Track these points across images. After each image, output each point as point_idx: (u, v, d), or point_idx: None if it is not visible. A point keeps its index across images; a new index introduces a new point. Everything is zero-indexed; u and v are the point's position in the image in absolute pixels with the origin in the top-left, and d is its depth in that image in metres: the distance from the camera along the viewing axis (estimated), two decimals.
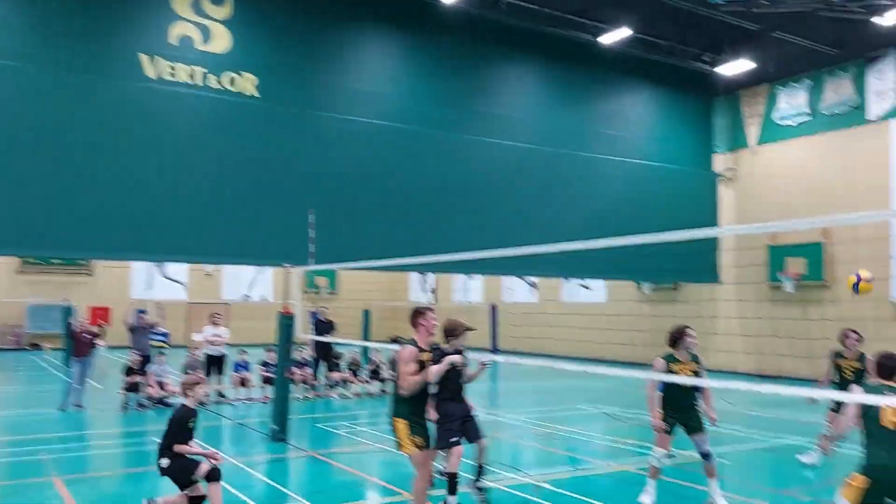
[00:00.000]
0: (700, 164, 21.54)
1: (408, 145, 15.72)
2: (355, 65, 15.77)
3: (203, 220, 13.46)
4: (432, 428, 6.70)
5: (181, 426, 6.80)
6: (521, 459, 10.12)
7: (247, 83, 14.07)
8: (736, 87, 22.07)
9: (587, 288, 27.03)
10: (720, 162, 22.55)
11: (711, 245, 20.11)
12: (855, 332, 9.22)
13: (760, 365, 20.57)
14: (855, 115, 19.70)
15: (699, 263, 19.70)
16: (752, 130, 22.37)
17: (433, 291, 35.91)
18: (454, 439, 6.42)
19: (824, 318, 18.88)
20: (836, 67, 20.11)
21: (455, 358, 6.83)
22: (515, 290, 30.39)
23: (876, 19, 16.91)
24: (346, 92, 15.34)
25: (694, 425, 7.53)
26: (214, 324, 15.24)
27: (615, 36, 18.15)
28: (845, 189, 19.19)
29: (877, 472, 4.87)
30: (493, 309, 29.50)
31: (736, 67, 19.80)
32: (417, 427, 6.35)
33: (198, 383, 7.15)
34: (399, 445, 6.34)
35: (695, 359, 7.60)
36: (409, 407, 6.32)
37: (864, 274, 10.03)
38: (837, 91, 20.18)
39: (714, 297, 22.15)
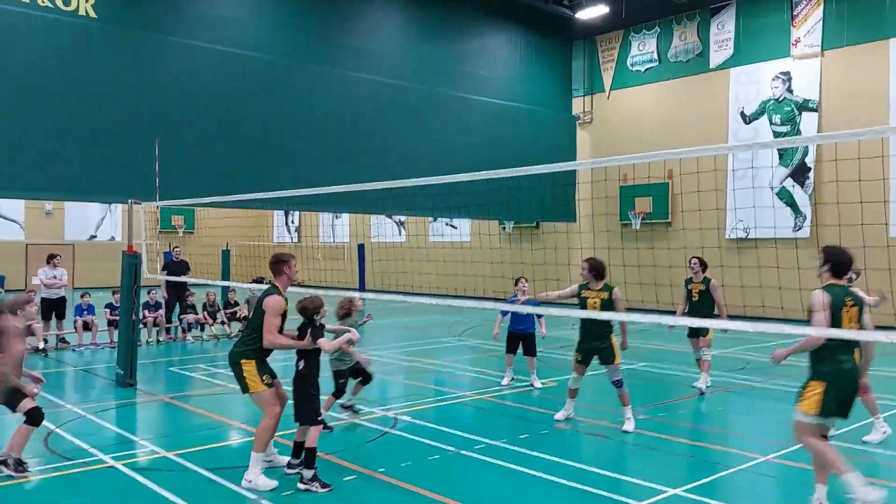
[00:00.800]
0: (560, 106, 22.16)
1: (264, 75, 15.03)
2: None
3: (40, 152, 12.31)
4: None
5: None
6: (385, 393, 10.23)
7: (82, 2, 12.80)
8: (594, 32, 22.69)
9: (453, 227, 27.44)
10: (578, 105, 23.28)
11: (569, 186, 20.89)
12: (697, 258, 9.98)
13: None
14: (698, 62, 20.86)
15: (557, 203, 20.44)
16: (608, 75, 23.18)
17: (297, 230, 35.16)
18: (320, 417, 6.31)
19: (669, 248, 20.24)
20: (683, 16, 21.10)
21: (353, 336, 7.13)
22: (382, 228, 30.33)
23: None
24: (196, 15, 14.35)
25: (605, 357, 7.94)
26: (53, 265, 14.13)
27: None
28: (689, 133, 20.41)
29: (833, 375, 5.11)
30: (361, 248, 29.34)
31: (594, 12, 20.32)
32: (264, 366, 6.26)
33: (28, 302, 7.01)
34: (246, 387, 6.17)
35: (607, 288, 7.95)
36: (256, 348, 6.20)
37: None
38: (683, 39, 21.23)
39: (571, 235, 23.12)
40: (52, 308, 13.92)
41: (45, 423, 7.87)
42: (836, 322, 5.13)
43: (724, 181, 19.71)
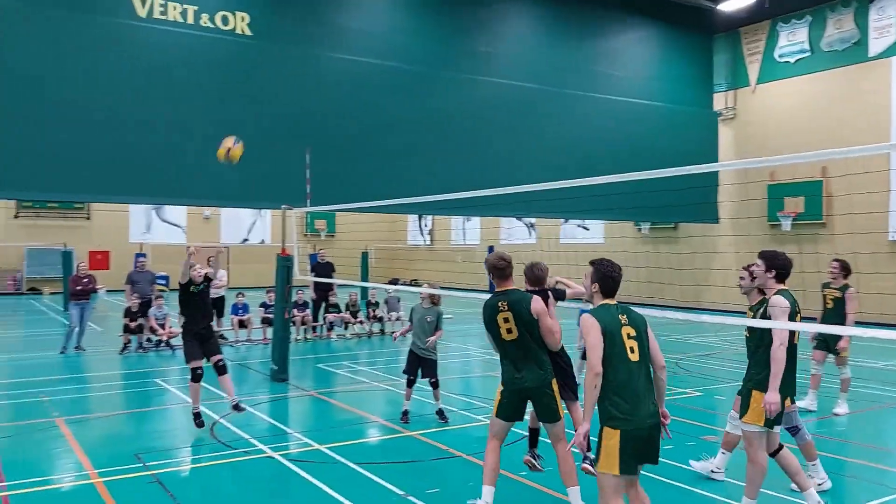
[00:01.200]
0: (700, 103, 21.30)
1: (405, 84, 15.51)
2: (350, 2, 15.43)
3: (200, 162, 13.35)
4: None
5: (183, 292, 8.43)
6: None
7: (239, 21, 13.78)
8: (737, 24, 21.64)
9: (585, 228, 27.06)
10: (720, 101, 22.28)
11: (711, 185, 20.04)
12: (838, 261, 8.98)
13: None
14: (856, 51, 19.38)
15: (698, 203, 19.68)
16: (753, 68, 22.02)
17: (430, 233, 35.93)
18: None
19: (818, 253, 18.98)
20: (837, 3, 19.68)
21: None
22: (513, 231, 30.41)
23: None
24: (340, 30, 15.05)
25: None
26: (211, 266, 15.24)
27: None
28: (845, 127, 19.02)
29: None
30: (490, 250, 29.59)
31: (737, 3, 19.38)
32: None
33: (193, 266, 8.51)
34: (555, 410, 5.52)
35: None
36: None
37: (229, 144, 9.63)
38: (838, 27, 19.79)
39: (712, 235, 22.20)
40: (213, 306, 15.02)
41: (209, 413, 8.59)
42: None
43: (886, 179, 18.21)
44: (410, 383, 8.53)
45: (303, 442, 7.72)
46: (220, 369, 8.31)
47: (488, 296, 5.64)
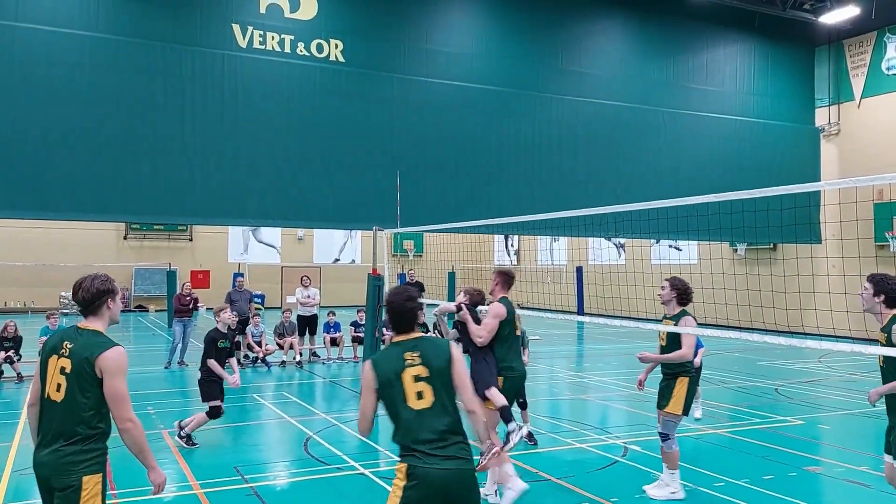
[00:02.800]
0: (801, 118, 20.47)
1: (492, 106, 15.64)
2: (438, 26, 15.72)
3: (294, 185, 13.89)
4: None
5: (211, 345, 8.48)
6: (608, 420, 10.07)
7: (333, 49, 14.28)
8: (840, 36, 20.69)
9: (678, 249, 26.30)
10: (823, 116, 21.30)
11: (813, 204, 19.14)
12: None
13: (865, 327, 19.58)
14: None
15: (799, 223, 18.81)
16: (858, 82, 20.96)
17: (516, 253, 35.81)
18: None
19: None
20: None
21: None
22: (601, 251, 29.92)
23: None
24: (429, 54, 15.34)
25: (661, 401, 6.71)
26: (305, 286, 15.74)
27: None
28: None
29: None
30: (579, 270, 29.17)
31: (841, 14, 18.58)
32: None
33: (223, 310, 8.79)
34: None
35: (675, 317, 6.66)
36: None
37: None
38: None
39: (814, 257, 21.13)
40: (306, 324, 15.48)
41: (303, 428, 8.82)
42: None
43: None
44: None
45: (392, 459, 7.79)
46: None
47: (576, 316, 5.52)
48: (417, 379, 3.63)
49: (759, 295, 14.04)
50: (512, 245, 36.38)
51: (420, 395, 3.63)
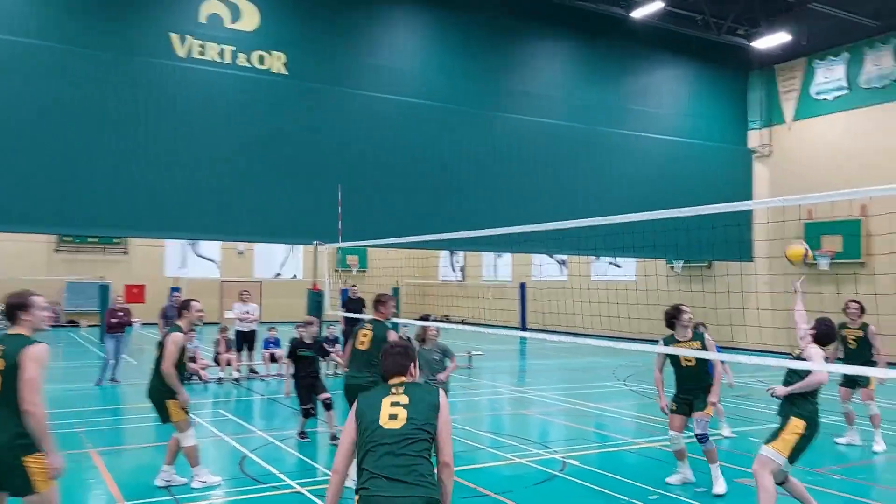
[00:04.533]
0: (735, 140, 21.18)
1: (437, 122, 15.70)
2: (384, 41, 15.74)
3: (234, 198, 13.63)
4: None
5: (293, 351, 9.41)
6: (548, 435, 10.13)
7: (275, 61, 14.13)
8: (772, 61, 21.55)
9: (617, 266, 26.83)
10: (755, 138, 22.11)
11: (745, 223, 19.79)
12: (856, 301, 9.33)
13: (795, 342, 20.27)
14: (895, 88, 19.14)
15: (732, 241, 19.42)
16: (789, 105, 21.84)
17: (462, 269, 35.94)
18: None
19: (857, 294, 18.56)
20: (875, 40, 19.51)
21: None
22: (544, 267, 30.29)
23: None
24: (374, 68, 15.33)
25: (700, 406, 7.27)
26: (244, 301, 15.44)
27: (647, 9, 17.83)
28: (885, 164, 18.70)
29: (814, 416, 5.75)
30: (523, 287, 29.45)
31: (772, 41, 19.34)
32: None
33: (311, 324, 9.60)
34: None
35: (698, 337, 7.32)
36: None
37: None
38: (877, 64, 19.59)
39: (747, 274, 21.84)
40: (245, 340, 15.17)
41: (238, 447, 8.61)
42: None
43: None
44: None
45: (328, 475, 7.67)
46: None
47: (519, 332, 5.58)
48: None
49: (694, 311, 14.36)
50: (457, 261, 36.51)
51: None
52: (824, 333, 6.09)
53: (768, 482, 5.61)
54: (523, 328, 27.61)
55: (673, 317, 7.41)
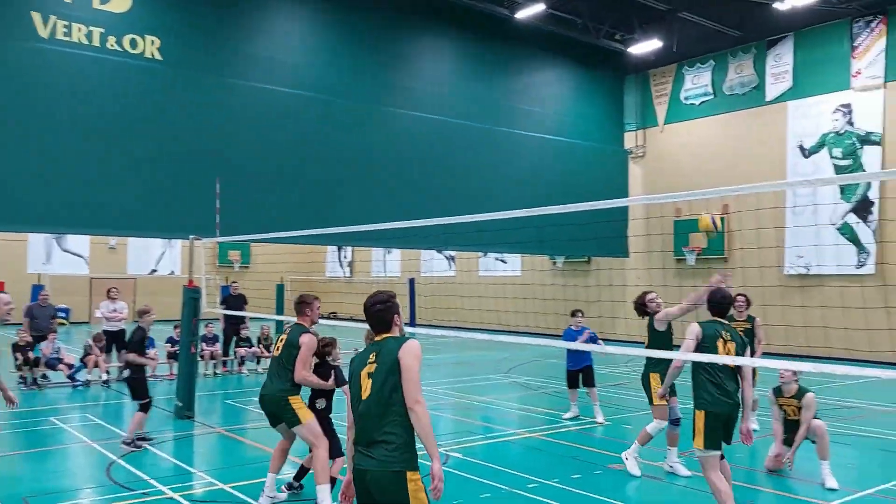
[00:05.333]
0: (611, 140, 22.10)
1: (321, 115, 15.42)
2: (266, 31, 15.29)
3: (104, 190, 12.84)
4: None
5: (139, 343, 8.87)
6: (435, 429, 10.17)
7: (149, 45, 13.41)
8: (646, 66, 22.65)
9: (503, 262, 27.42)
10: (630, 139, 23.18)
11: (621, 220, 20.72)
12: (743, 295, 9.61)
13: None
14: (754, 95, 20.58)
15: (610, 238, 20.29)
16: (661, 109, 23.04)
17: (350, 265, 35.61)
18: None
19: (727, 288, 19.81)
20: (738, 49, 20.90)
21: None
22: (433, 263, 30.49)
23: (776, 4, 17.66)
24: (255, 59, 14.87)
25: (672, 390, 7.65)
26: (112, 299, 14.59)
27: (530, 11, 18.26)
28: (746, 167, 20.07)
29: (718, 404, 5.74)
30: (412, 282, 29.51)
31: (645, 47, 20.31)
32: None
33: (147, 312, 9.12)
34: (297, 420, 6.45)
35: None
36: (294, 383, 6.56)
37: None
38: (739, 72, 21.00)
39: (623, 269, 22.89)
40: (113, 340, 14.33)
41: (106, 453, 8.13)
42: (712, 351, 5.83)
43: (782, 216, 19.26)
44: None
45: (207, 481, 7.38)
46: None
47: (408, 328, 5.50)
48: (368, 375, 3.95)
49: (574, 304, 14.90)
50: (345, 257, 36.12)
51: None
52: (718, 301, 6.05)
53: (717, 480, 5.70)
54: (412, 324, 27.66)
55: (642, 304, 7.93)
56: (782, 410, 7.80)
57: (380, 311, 4.04)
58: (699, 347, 5.82)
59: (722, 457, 5.85)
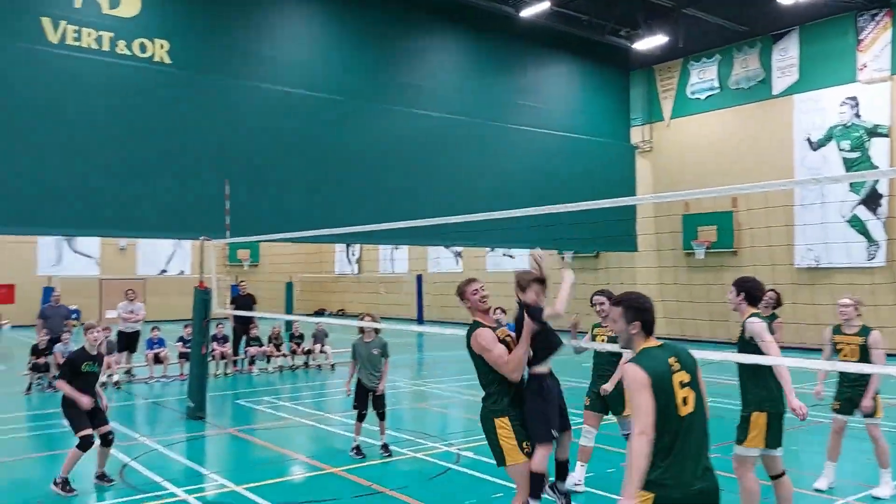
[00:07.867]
0: (618, 136, 22.05)
1: (328, 114, 15.45)
2: (273, 31, 15.32)
3: (115, 191, 12.90)
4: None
5: (73, 367, 7.33)
6: (445, 428, 10.23)
7: (158, 49, 13.47)
8: (651, 62, 22.60)
9: (511, 257, 27.41)
10: (637, 134, 23.14)
11: (630, 215, 20.68)
12: (773, 290, 9.09)
13: (680, 329, 21.41)
14: (761, 89, 20.51)
15: (618, 232, 20.24)
16: (667, 104, 22.99)
17: (358, 262, 35.70)
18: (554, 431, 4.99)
19: (724, 285, 19.79)
20: (744, 43, 20.83)
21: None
22: (440, 260, 30.54)
23: None
24: (263, 59, 14.90)
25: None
26: (129, 299, 14.72)
27: (535, 9, 18.24)
28: (753, 160, 20.02)
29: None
30: (419, 279, 29.58)
31: (651, 42, 20.25)
32: (521, 427, 4.91)
33: (92, 328, 7.47)
34: (503, 457, 4.96)
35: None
36: (509, 399, 4.93)
37: None
38: (745, 66, 20.93)
39: (632, 264, 22.86)
40: (129, 341, 14.45)
41: (119, 454, 8.21)
42: None
43: (791, 208, 19.21)
44: (361, 417, 8.54)
45: (219, 483, 7.45)
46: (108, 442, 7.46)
47: (413, 325, 5.49)
48: (683, 385, 3.58)
49: (585, 300, 14.86)
50: (353, 254, 36.22)
51: (685, 402, 3.56)
52: (751, 288, 5.54)
53: (753, 483, 5.55)
54: (420, 321, 27.74)
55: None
56: (836, 351, 7.04)
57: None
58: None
59: (783, 473, 5.69)
